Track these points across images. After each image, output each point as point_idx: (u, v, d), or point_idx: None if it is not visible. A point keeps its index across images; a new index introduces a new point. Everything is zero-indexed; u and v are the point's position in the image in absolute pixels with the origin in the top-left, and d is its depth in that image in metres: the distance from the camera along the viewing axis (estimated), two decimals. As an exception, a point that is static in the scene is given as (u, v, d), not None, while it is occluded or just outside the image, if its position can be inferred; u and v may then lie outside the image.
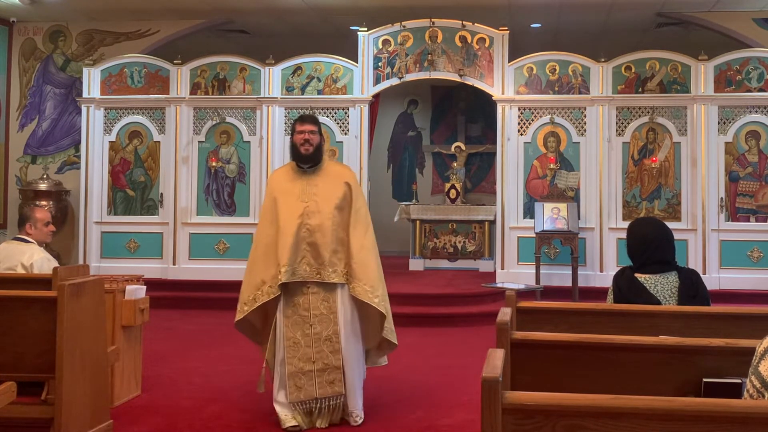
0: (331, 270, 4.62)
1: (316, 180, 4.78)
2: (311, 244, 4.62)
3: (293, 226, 4.62)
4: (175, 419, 4.98)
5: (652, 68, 9.99)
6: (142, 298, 5.47)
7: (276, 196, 4.77)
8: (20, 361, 3.99)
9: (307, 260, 4.62)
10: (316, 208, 4.66)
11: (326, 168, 4.88)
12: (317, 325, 4.63)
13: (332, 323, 4.64)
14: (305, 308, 4.64)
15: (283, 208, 4.70)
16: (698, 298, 3.60)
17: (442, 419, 5.03)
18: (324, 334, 4.63)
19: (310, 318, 4.63)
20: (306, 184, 4.75)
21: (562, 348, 2.69)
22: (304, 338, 4.62)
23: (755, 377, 2.01)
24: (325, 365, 4.61)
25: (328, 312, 4.64)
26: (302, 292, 4.65)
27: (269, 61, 10.39)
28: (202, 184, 10.42)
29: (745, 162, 9.88)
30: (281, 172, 4.97)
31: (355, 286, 4.62)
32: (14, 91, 11.31)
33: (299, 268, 4.61)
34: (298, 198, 4.70)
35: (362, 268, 4.64)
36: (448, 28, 10.17)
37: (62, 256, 10.60)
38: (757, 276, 9.64)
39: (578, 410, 1.82)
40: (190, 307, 9.40)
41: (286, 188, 4.78)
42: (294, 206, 4.68)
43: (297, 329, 4.63)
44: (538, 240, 9.50)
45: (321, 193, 4.71)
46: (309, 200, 4.69)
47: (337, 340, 4.63)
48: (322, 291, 4.65)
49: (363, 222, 4.76)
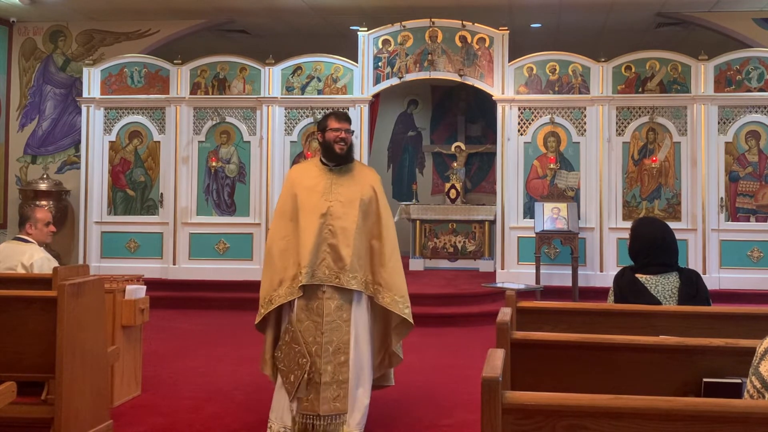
0: (351, 276, 4.32)
1: (341, 180, 4.49)
2: (332, 246, 4.34)
3: (315, 226, 4.34)
4: (175, 419, 4.98)
5: (652, 68, 9.99)
6: (142, 298, 5.47)
7: (297, 192, 4.46)
8: (20, 361, 3.99)
9: (327, 263, 4.33)
10: (341, 209, 4.39)
11: (353, 168, 4.58)
12: (328, 333, 4.31)
13: (343, 332, 4.34)
14: (318, 314, 4.33)
15: (306, 205, 4.41)
16: (698, 298, 3.59)
17: (442, 419, 5.03)
18: (334, 343, 4.32)
19: (323, 325, 4.32)
20: (331, 183, 4.47)
21: (562, 348, 2.69)
22: (315, 346, 4.30)
23: (755, 377, 2.01)
24: (332, 378, 4.30)
25: (341, 320, 4.34)
26: (317, 297, 4.34)
27: (269, 61, 10.39)
28: (202, 184, 10.42)
29: (745, 162, 9.88)
30: (303, 168, 4.74)
31: (384, 295, 4.36)
32: (14, 91, 11.31)
33: (318, 270, 4.32)
34: (321, 196, 4.42)
35: (393, 277, 4.39)
36: (448, 28, 10.16)
37: (62, 256, 10.60)
38: (757, 276, 9.64)
39: (578, 410, 1.82)
40: (190, 307, 9.40)
41: (308, 185, 4.48)
42: (317, 204, 4.39)
43: (308, 335, 4.32)
44: (538, 240, 9.50)
45: (346, 193, 4.44)
46: (333, 200, 4.41)
47: (346, 350, 4.33)
48: (338, 297, 4.34)
49: (391, 228, 4.51)
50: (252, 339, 7.78)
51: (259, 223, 10.21)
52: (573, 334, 2.78)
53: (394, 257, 4.45)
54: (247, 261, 10.21)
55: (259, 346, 7.39)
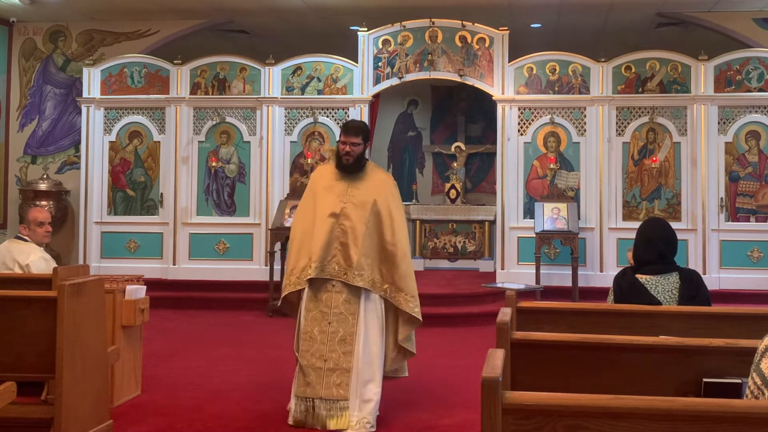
0: (357, 273, 4.68)
1: (357, 183, 4.87)
2: (343, 245, 4.71)
3: (328, 224, 4.73)
4: (175, 419, 4.98)
5: (652, 68, 9.99)
6: (142, 298, 5.47)
7: (317, 191, 4.89)
8: (20, 361, 3.99)
9: (337, 260, 4.70)
10: (353, 211, 4.76)
11: (369, 174, 4.95)
12: (335, 324, 4.69)
13: (350, 324, 4.69)
14: (326, 305, 4.71)
15: (322, 204, 4.80)
16: (698, 298, 3.60)
17: (442, 419, 5.03)
18: (340, 333, 4.68)
19: (330, 315, 4.70)
20: (348, 186, 4.85)
21: (562, 348, 2.69)
22: (321, 335, 4.69)
23: (757, 374, 2.01)
24: (336, 365, 4.65)
25: (347, 313, 4.70)
26: (326, 289, 4.73)
27: (269, 61, 10.39)
28: (202, 184, 10.42)
29: (745, 162, 9.88)
30: (326, 169, 5.07)
31: (397, 295, 4.73)
32: (14, 91, 11.31)
33: (328, 266, 4.70)
34: (337, 197, 4.80)
35: (405, 279, 4.76)
36: (448, 28, 10.16)
37: (62, 256, 10.60)
38: (757, 276, 9.64)
39: (578, 410, 1.82)
40: (190, 307, 9.40)
41: (328, 185, 4.88)
42: (332, 204, 4.78)
43: (315, 324, 4.71)
44: (538, 240, 9.49)
45: (360, 196, 4.80)
46: (348, 201, 4.79)
47: (351, 341, 4.67)
48: (347, 291, 4.71)
49: (405, 231, 4.88)
50: (252, 339, 7.80)
51: (259, 224, 10.21)
52: (573, 334, 2.78)
53: (407, 259, 4.82)
54: (247, 261, 10.21)
55: (258, 347, 7.41)
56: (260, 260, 10.16)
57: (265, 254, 9.98)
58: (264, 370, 6.33)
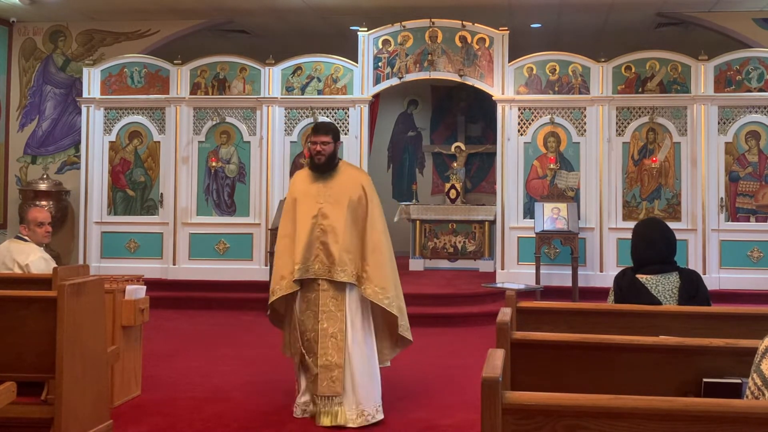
0: (340, 269, 4.82)
1: (331, 183, 5.00)
2: (324, 244, 4.86)
3: (308, 226, 4.88)
4: (175, 419, 4.99)
5: (652, 68, 9.99)
6: (142, 298, 5.47)
7: (296, 197, 5.03)
8: (20, 361, 3.99)
9: (320, 259, 4.85)
10: (330, 210, 4.90)
11: (342, 172, 5.07)
12: (325, 322, 4.83)
13: (339, 321, 4.83)
14: (315, 304, 4.86)
15: (301, 208, 4.96)
16: (698, 298, 3.60)
17: (442, 419, 5.03)
18: (330, 330, 4.82)
19: (320, 314, 4.84)
20: (322, 187, 4.98)
21: (562, 348, 2.69)
22: (313, 333, 4.84)
23: (757, 375, 2.01)
24: (329, 362, 4.79)
25: (336, 309, 4.84)
26: (314, 289, 4.87)
27: (269, 61, 10.39)
28: (202, 184, 10.42)
29: (745, 162, 9.88)
30: (302, 175, 5.18)
31: (366, 287, 4.83)
32: (14, 91, 11.31)
33: (312, 266, 4.86)
34: (314, 199, 4.95)
35: (375, 270, 4.84)
36: (448, 28, 10.16)
37: (62, 256, 10.60)
38: (757, 276, 9.63)
39: (578, 410, 1.82)
40: (190, 307, 9.40)
41: (305, 190, 5.03)
42: (310, 207, 4.93)
43: (308, 323, 4.86)
44: (538, 240, 9.49)
45: (335, 195, 4.94)
46: (324, 202, 4.93)
47: (341, 338, 4.82)
48: (332, 289, 4.86)
49: (378, 224, 4.95)
50: (252, 339, 7.80)
51: (259, 224, 10.21)
52: (573, 334, 2.78)
53: (378, 251, 4.88)
54: (247, 261, 10.21)
55: (258, 347, 7.40)
56: (260, 260, 10.16)
57: (265, 254, 9.98)
58: (264, 370, 6.33)
